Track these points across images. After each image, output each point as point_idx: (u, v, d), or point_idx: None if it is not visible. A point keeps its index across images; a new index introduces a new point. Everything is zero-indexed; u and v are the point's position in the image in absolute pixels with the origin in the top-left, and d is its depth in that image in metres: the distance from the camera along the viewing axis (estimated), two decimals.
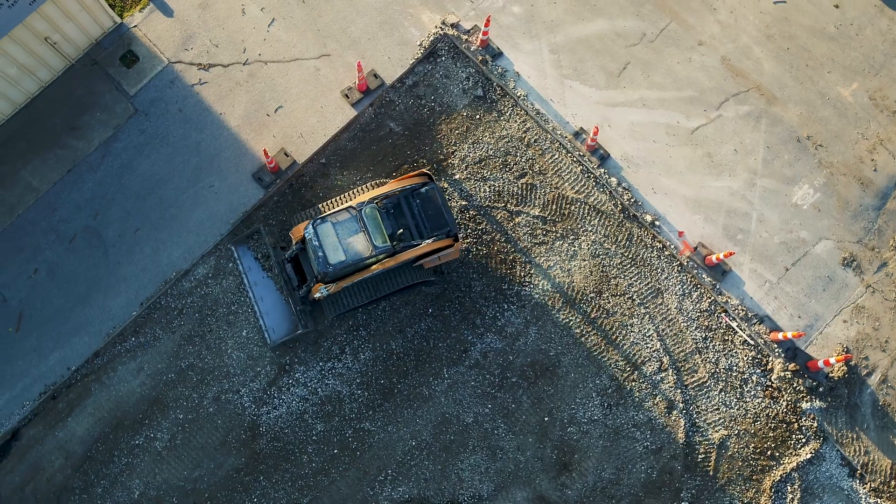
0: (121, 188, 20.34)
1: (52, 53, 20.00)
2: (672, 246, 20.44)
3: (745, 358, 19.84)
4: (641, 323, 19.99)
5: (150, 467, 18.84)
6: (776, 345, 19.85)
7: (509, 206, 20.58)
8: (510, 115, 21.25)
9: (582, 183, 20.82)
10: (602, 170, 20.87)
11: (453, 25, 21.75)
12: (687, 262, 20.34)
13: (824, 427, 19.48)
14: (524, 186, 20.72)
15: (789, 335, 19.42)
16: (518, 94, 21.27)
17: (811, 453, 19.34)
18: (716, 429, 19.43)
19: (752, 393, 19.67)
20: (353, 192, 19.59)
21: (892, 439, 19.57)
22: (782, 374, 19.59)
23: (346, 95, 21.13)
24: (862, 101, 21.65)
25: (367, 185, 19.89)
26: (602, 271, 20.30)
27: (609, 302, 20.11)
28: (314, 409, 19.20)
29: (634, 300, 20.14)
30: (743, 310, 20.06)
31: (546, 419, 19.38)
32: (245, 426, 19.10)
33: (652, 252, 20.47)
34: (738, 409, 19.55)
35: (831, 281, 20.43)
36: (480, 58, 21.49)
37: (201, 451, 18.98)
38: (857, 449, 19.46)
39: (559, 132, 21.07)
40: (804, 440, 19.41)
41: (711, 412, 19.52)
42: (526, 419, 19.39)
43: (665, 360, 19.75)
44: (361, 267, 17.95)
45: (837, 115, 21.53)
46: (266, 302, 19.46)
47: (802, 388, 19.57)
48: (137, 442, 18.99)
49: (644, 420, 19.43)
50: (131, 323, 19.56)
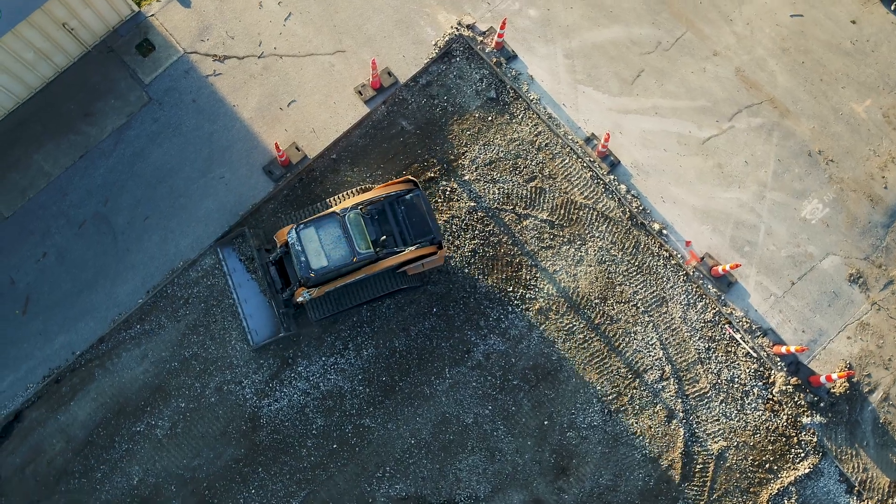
0: (132, 176, 20.45)
1: (69, 39, 20.10)
2: (679, 255, 20.44)
3: (748, 370, 19.84)
4: (645, 331, 20.01)
5: (150, 454, 18.95)
6: (779, 358, 19.84)
7: (518, 209, 20.61)
8: (522, 119, 21.28)
9: (591, 189, 20.84)
10: (612, 176, 20.89)
11: (469, 26, 21.78)
12: (693, 272, 20.34)
13: (824, 442, 19.47)
14: (533, 190, 20.75)
15: (792, 349, 19.41)
16: (531, 98, 21.29)
17: (810, 468, 19.33)
18: (715, 440, 19.44)
19: (753, 405, 19.67)
20: (341, 197, 19.61)
21: (892, 457, 19.55)
22: (784, 388, 19.58)
23: (360, 92, 21.19)
24: (875, 118, 21.61)
25: (353, 191, 19.87)
26: (608, 278, 20.32)
27: (613, 309, 20.13)
28: (315, 404, 19.28)
29: (639, 308, 20.16)
30: (747, 322, 20.05)
31: (546, 423, 19.41)
32: (246, 417, 19.19)
33: (658, 261, 20.48)
34: (739, 421, 19.55)
35: (837, 297, 20.41)
36: (495, 60, 21.52)
37: (201, 441, 19.08)
38: (856, 466, 19.44)
39: (570, 137, 21.09)
40: (803, 455, 19.40)
41: (711, 423, 19.52)
42: (525, 422, 19.43)
43: (667, 369, 19.76)
44: (344, 272, 17.95)
45: (850, 131, 21.49)
46: (250, 304, 19.46)
47: (803, 403, 19.56)
48: (138, 429, 19.10)
49: (643, 428, 19.45)
50: (137, 310, 19.67)
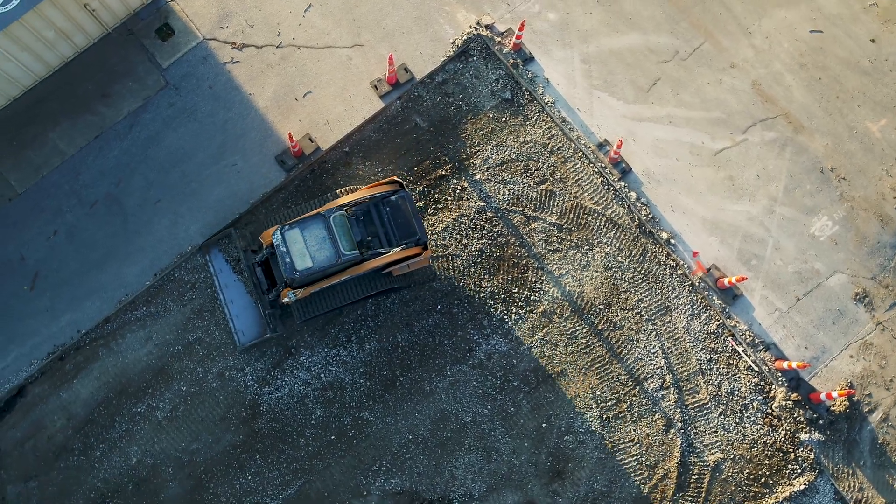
0: (145, 159, 20.58)
1: (90, 20, 20.23)
2: (685, 265, 20.45)
3: (748, 383, 19.84)
4: (648, 339, 20.03)
5: (150, 436, 19.09)
6: (780, 373, 19.84)
7: (527, 211, 20.65)
8: (536, 121, 21.31)
9: (601, 194, 20.87)
10: (622, 183, 20.91)
11: (488, 26, 21.83)
12: (699, 283, 20.35)
13: (821, 460, 19.46)
14: (543, 193, 20.79)
15: (794, 365, 19.41)
16: (546, 101, 21.33)
17: (805, 485, 19.33)
18: (712, 451, 19.45)
19: (752, 419, 19.67)
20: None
21: (888, 478, 19.53)
22: (784, 403, 19.58)
23: (375, 87, 21.26)
24: (889, 138, 21.56)
25: (344, 189, 19.90)
26: (613, 284, 20.35)
27: (617, 315, 20.16)
28: (315, 394, 19.38)
29: (643, 316, 20.18)
30: (750, 335, 20.05)
31: (544, 425, 19.47)
32: (246, 404, 19.31)
33: (665, 269, 20.50)
34: (736, 434, 19.56)
35: (842, 315, 20.38)
36: (512, 61, 21.56)
37: (201, 425, 19.20)
38: (852, 485, 19.42)
39: (583, 142, 21.12)
40: (799, 471, 19.40)
41: (709, 434, 19.54)
42: (524, 423, 19.48)
43: (668, 379, 19.78)
44: (330, 273, 17.98)
45: (863, 150, 21.45)
46: (236, 304, 19.40)
47: (802, 419, 19.56)
48: (139, 410, 19.23)
49: (641, 435, 19.47)
50: (144, 292, 19.80)
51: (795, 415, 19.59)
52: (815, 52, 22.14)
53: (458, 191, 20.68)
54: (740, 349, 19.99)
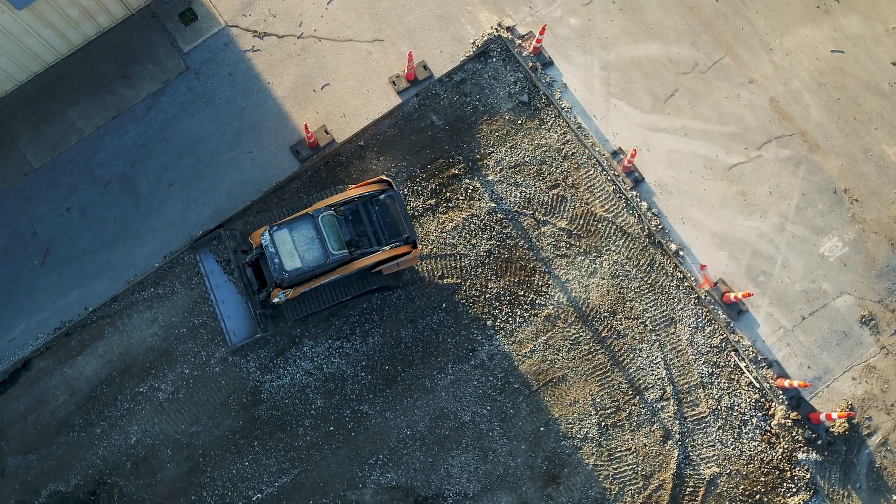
0: (161, 141, 20.72)
1: (114, 1, 20.36)
2: (692, 278, 20.45)
3: (749, 399, 19.84)
4: (650, 349, 20.05)
5: (150, 416, 19.23)
6: (781, 391, 19.83)
7: (537, 215, 20.70)
8: (551, 125, 21.35)
9: (613, 202, 20.89)
10: (634, 192, 20.92)
11: (509, 28, 21.86)
12: (705, 297, 20.35)
13: (817, 480, 19.44)
14: (555, 197, 20.82)
15: (796, 384, 19.39)
16: (562, 106, 21.36)
17: None
18: (708, 465, 19.46)
19: (750, 435, 19.67)
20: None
21: (884, 503, 19.49)
22: (783, 422, 19.57)
23: (394, 83, 21.33)
24: None
25: (329, 191, 19.95)
26: (619, 292, 20.37)
27: (622, 324, 20.18)
28: (317, 385, 19.49)
29: (647, 326, 20.20)
30: (753, 352, 20.04)
31: (542, 429, 19.52)
32: (247, 391, 19.43)
33: (672, 281, 20.51)
34: (734, 449, 19.56)
35: (846, 337, 20.35)
36: (531, 64, 21.60)
37: (201, 408, 19.33)
38: None
39: (597, 149, 21.14)
40: (794, 490, 19.39)
41: (706, 448, 19.55)
42: (522, 426, 19.54)
43: (668, 390, 19.80)
44: (319, 273, 18.04)
45: (878, 173, 21.40)
46: (228, 305, 19.28)
47: (801, 439, 19.54)
48: (141, 390, 19.38)
49: (639, 445, 19.50)
50: (152, 273, 19.95)
51: (794, 433, 19.58)
52: (835, 72, 22.10)
53: (470, 191, 20.75)
54: (742, 365, 19.99)
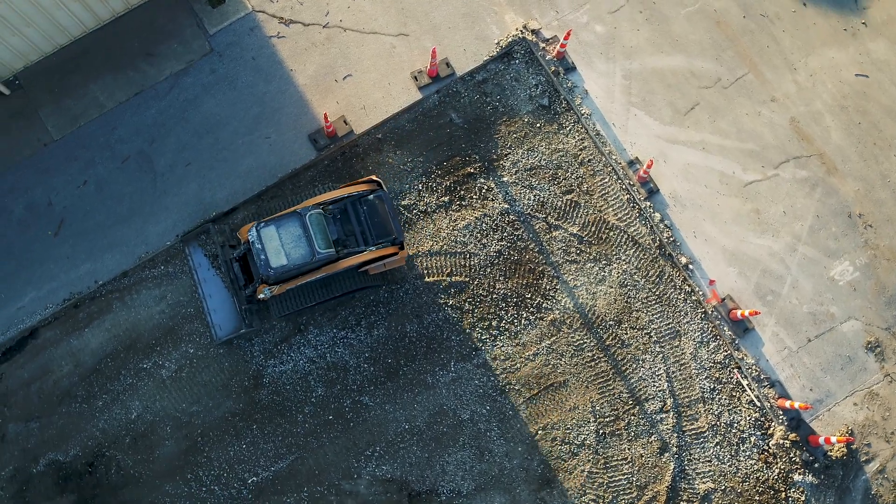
0: (181, 121, 20.84)
1: None
2: (700, 292, 20.44)
3: (748, 417, 19.82)
4: (654, 361, 20.05)
5: (152, 393, 19.36)
6: (782, 412, 19.80)
7: (549, 219, 20.72)
8: (570, 131, 21.36)
9: (626, 211, 20.89)
10: (648, 203, 20.91)
11: (534, 31, 21.88)
12: (711, 312, 20.33)
13: (811, 503, 19.40)
14: (568, 203, 20.84)
15: (797, 405, 19.35)
16: (582, 112, 21.36)
17: None
18: (703, 480, 19.45)
19: (748, 453, 19.65)
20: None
21: None
22: (781, 442, 19.54)
23: (415, 78, 21.38)
24: None
25: (318, 189, 19.99)
26: (626, 302, 20.38)
27: (626, 333, 20.19)
28: (319, 373, 19.58)
29: (652, 337, 20.20)
30: (756, 370, 20.01)
31: (540, 432, 19.55)
32: (250, 374, 19.53)
33: (679, 294, 20.49)
34: (730, 466, 19.55)
35: (851, 361, 20.29)
36: (553, 68, 21.61)
37: (203, 389, 19.45)
38: None
39: (614, 157, 21.14)
40: None
41: (703, 463, 19.54)
42: (520, 428, 19.58)
43: (668, 402, 19.80)
44: (305, 271, 18.11)
45: (894, 200, 21.32)
46: (214, 299, 19.47)
47: (798, 460, 19.51)
48: (145, 366, 19.51)
49: (635, 455, 19.51)
50: (164, 251, 20.07)
51: (792, 455, 19.55)
52: (858, 96, 22.02)
53: (485, 190, 20.78)
54: (745, 382, 19.97)
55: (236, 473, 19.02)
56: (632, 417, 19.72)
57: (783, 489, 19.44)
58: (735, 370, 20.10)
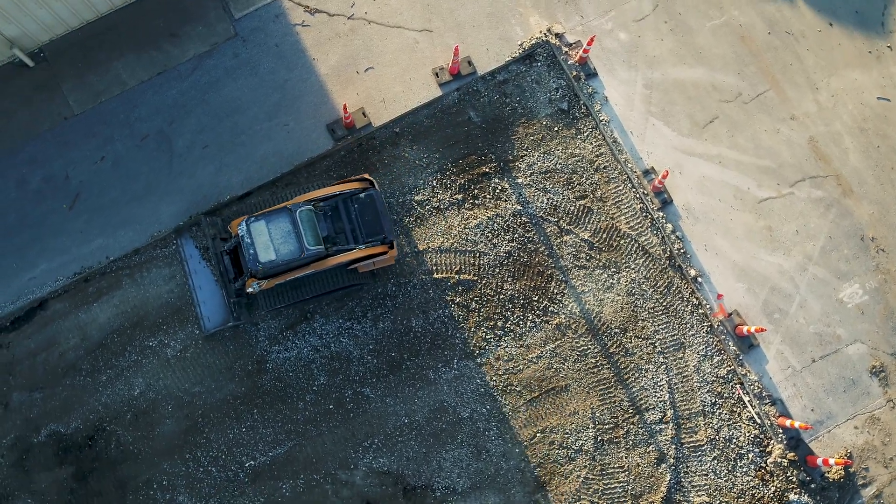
0: (201, 103, 20.95)
1: None
2: (708, 306, 20.41)
3: (748, 434, 19.79)
4: (656, 371, 20.05)
5: (156, 371, 19.50)
6: (781, 430, 19.76)
7: (561, 224, 20.73)
8: (587, 136, 21.36)
9: (638, 220, 20.88)
10: (661, 213, 20.90)
11: (558, 35, 21.88)
12: (717, 326, 20.31)
13: None
14: (581, 208, 20.85)
15: (797, 424, 19.32)
16: (601, 118, 21.36)
17: None
18: (699, 493, 19.45)
19: (745, 470, 19.63)
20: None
21: None
22: (779, 460, 19.51)
23: (437, 74, 21.42)
24: None
25: (311, 185, 20.05)
26: (633, 311, 20.38)
27: (631, 342, 20.19)
28: (322, 362, 19.67)
29: (656, 347, 20.20)
30: (759, 387, 19.98)
31: (538, 435, 19.59)
32: (254, 359, 19.64)
33: (686, 306, 20.48)
34: (726, 481, 19.53)
35: (854, 385, 20.24)
36: (575, 73, 21.61)
37: (206, 370, 19.58)
38: None
39: (630, 165, 21.13)
40: None
41: (699, 476, 19.53)
42: (519, 429, 19.62)
43: (668, 413, 19.79)
44: (294, 267, 18.18)
45: None
46: (205, 290, 19.59)
47: (795, 480, 19.48)
48: (151, 344, 19.65)
49: (632, 464, 19.52)
50: (176, 231, 20.18)
51: (789, 474, 19.52)
52: (879, 120, 21.93)
53: (498, 191, 20.82)
54: (746, 399, 19.95)
55: (234, 456, 19.15)
56: (631, 426, 19.74)
57: None
58: (737, 386, 20.08)
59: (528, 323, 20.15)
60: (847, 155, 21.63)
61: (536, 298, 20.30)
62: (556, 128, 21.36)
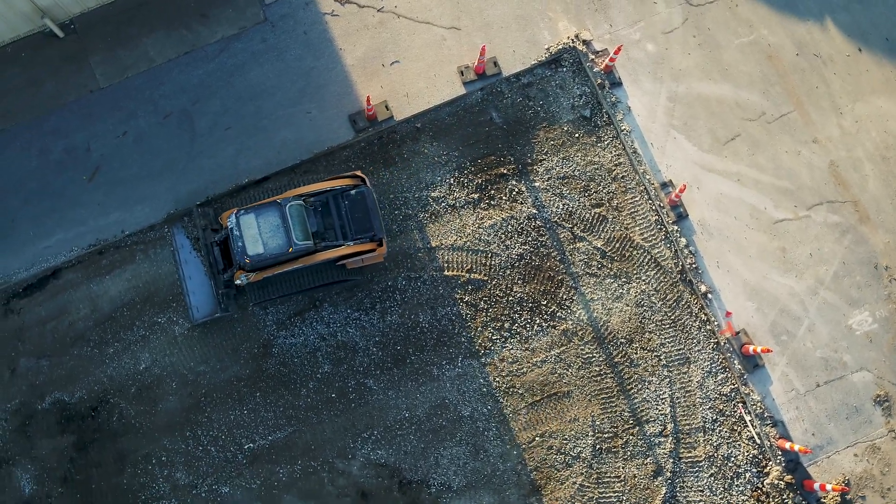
0: (226, 85, 21.07)
1: None
2: (716, 322, 20.39)
3: (747, 453, 19.77)
4: (659, 384, 20.05)
5: (163, 347, 19.66)
6: (780, 452, 19.73)
7: (575, 230, 20.75)
8: (607, 145, 21.36)
9: (652, 232, 20.87)
10: (676, 227, 20.88)
11: (585, 42, 21.88)
12: (724, 343, 20.29)
13: None
14: (596, 216, 20.86)
15: (797, 448, 19.28)
16: (622, 128, 21.35)
17: None
18: None
19: (741, 489, 19.61)
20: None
21: None
22: (776, 482, 19.48)
23: (461, 72, 21.47)
24: None
25: (302, 180, 20.10)
26: (640, 322, 20.38)
27: (636, 353, 20.20)
28: (328, 350, 19.77)
29: (661, 360, 20.19)
30: (761, 408, 19.95)
31: (537, 439, 19.62)
32: (260, 342, 19.76)
33: (694, 321, 20.46)
34: (721, 499, 19.52)
35: (857, 412, 20.18)
36: (599, 81, 21.61)
37: (212, 350, 19.71)
38: None
39: (648, 177, 21.12)
40: None
41: (694, 492, 19.52)
42: (518, 431, 19.66)
43: (669, 427, 19.79)
44: (282, 261, 18.27)
45: None
46: (194, 281, 19.60)
47: (790, 503, 19.44)
48: (159, 320, 19.80)
49: (628, 475, 19.53)
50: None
51: (784, 496, 19.49)
52: None
53: (515, 193, 20.85)
54: (748, 418, 19.92)
55: (234, 438, 19.28)
56: (630, 437, 19.75)
57: None
58: (739, 405, 20.05)
59: (535, 327, 20.19)
60: (867, 182, 21.55)
61: (545, 303, 20.33)
62: (577, 134, 21.37)
